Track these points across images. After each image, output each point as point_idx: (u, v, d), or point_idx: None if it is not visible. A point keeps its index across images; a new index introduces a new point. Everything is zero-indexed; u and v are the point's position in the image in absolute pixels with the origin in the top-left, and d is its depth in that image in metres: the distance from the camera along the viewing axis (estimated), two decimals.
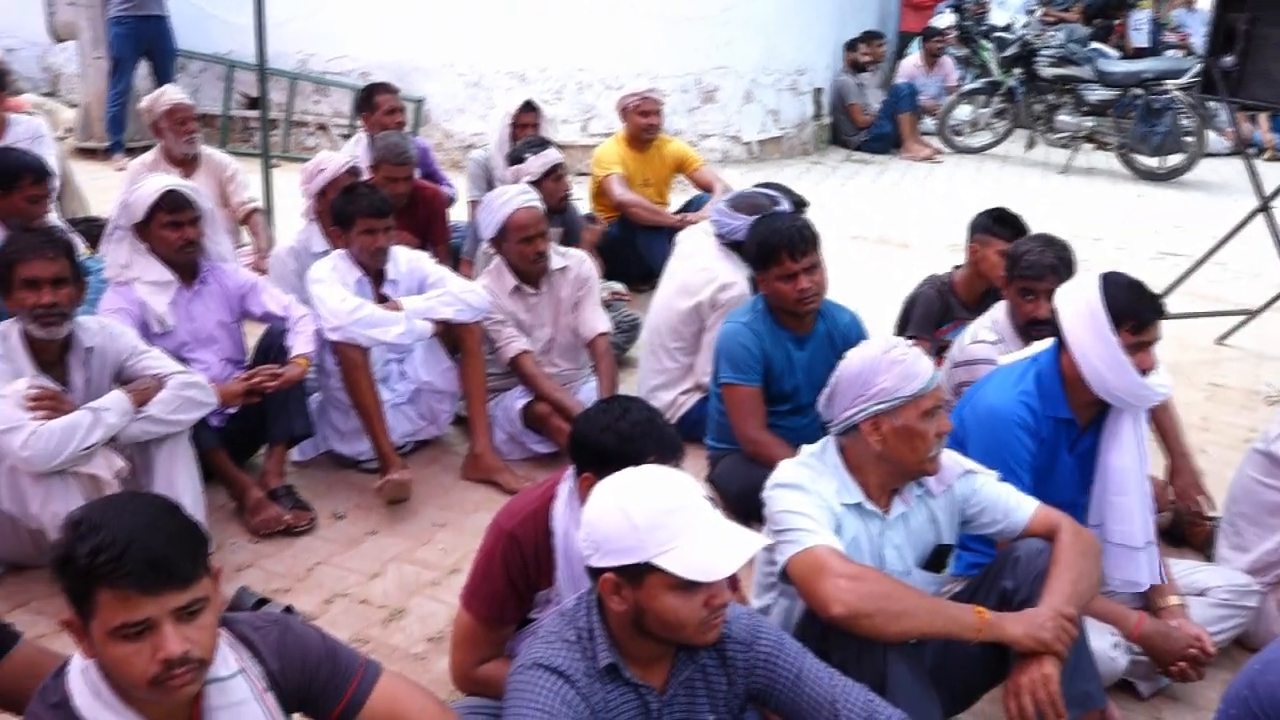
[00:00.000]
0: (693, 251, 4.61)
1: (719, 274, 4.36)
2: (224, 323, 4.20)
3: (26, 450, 3.12)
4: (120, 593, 1.70)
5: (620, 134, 6.50)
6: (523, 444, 4.45)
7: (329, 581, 3.60)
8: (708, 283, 4.37)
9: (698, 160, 6.65)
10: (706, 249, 4.49)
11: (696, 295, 4.39)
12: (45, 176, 4.74)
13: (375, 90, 6.27)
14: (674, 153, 6.55)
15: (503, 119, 6.08)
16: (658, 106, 6.39)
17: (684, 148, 6.75)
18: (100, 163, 9.02)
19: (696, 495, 2.03)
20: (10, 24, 11.13)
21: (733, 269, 4.36)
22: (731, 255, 4.39)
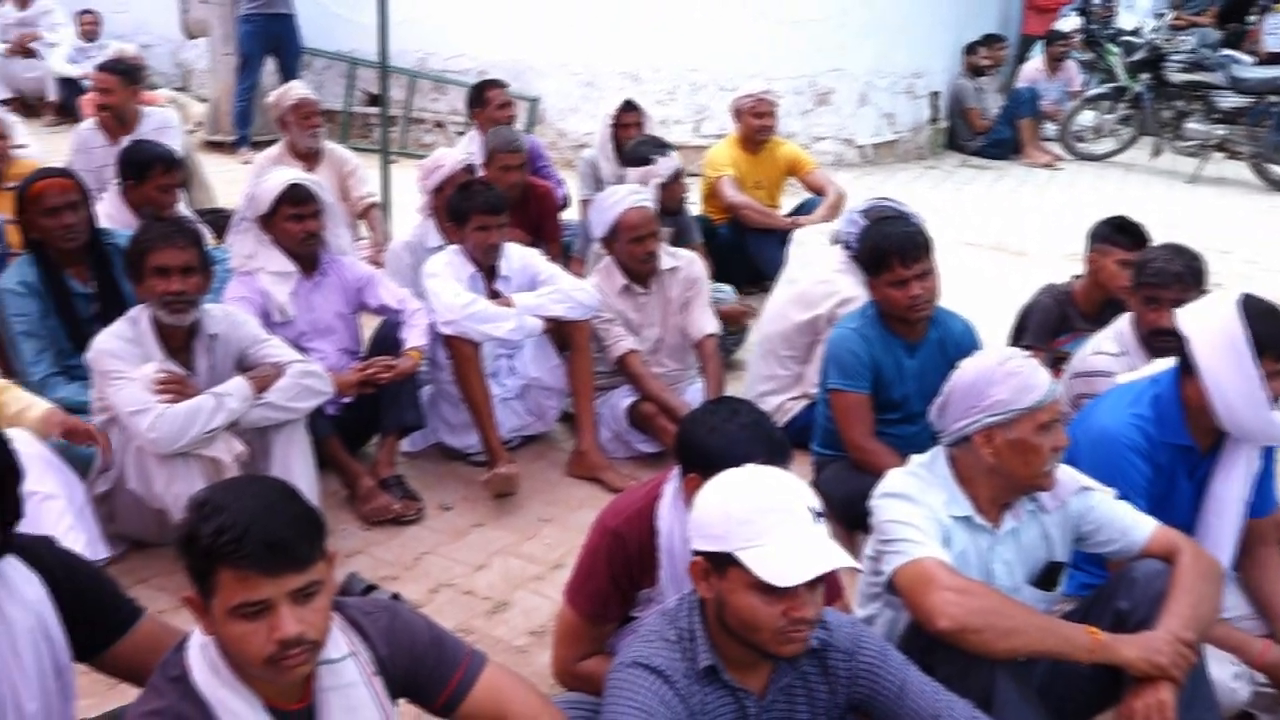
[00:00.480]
0: (815, 260, 4.53)
1: (840, 288, 4.25)
2: (341, 314, 4.31)
3: (153, 432, 3.24)
4: (240, 573, 1.75)
5: (733, 135, 6.49)
6: (628, 443, 4.47)
7: (435, 571, 3.67)
8: (828, 296, 4.29)
9: (810, 163, 6.60)
10: (829, 259, 4.40)
11: (815, 308, 4.33)
12: (175, 166, 4.93)
13: (486, 86, 6.38)
14: (786, 155, 6.51)
15: (604, 119, 6.14)
16: (772, 108, 6.36)
17: (797, 150, 6.70)
18: (227, 156, 9.32)
19: (799, 502, 2.01)
20: (146, 21, 11.59)
21: (855, 283, 4.22)
22: (856, 270, 4.31)
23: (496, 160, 5.24)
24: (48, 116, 10.52)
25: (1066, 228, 7.51)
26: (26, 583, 2.06)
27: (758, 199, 6.31)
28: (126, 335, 3.43)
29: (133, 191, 4.88)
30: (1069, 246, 4.66)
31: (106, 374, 3.35)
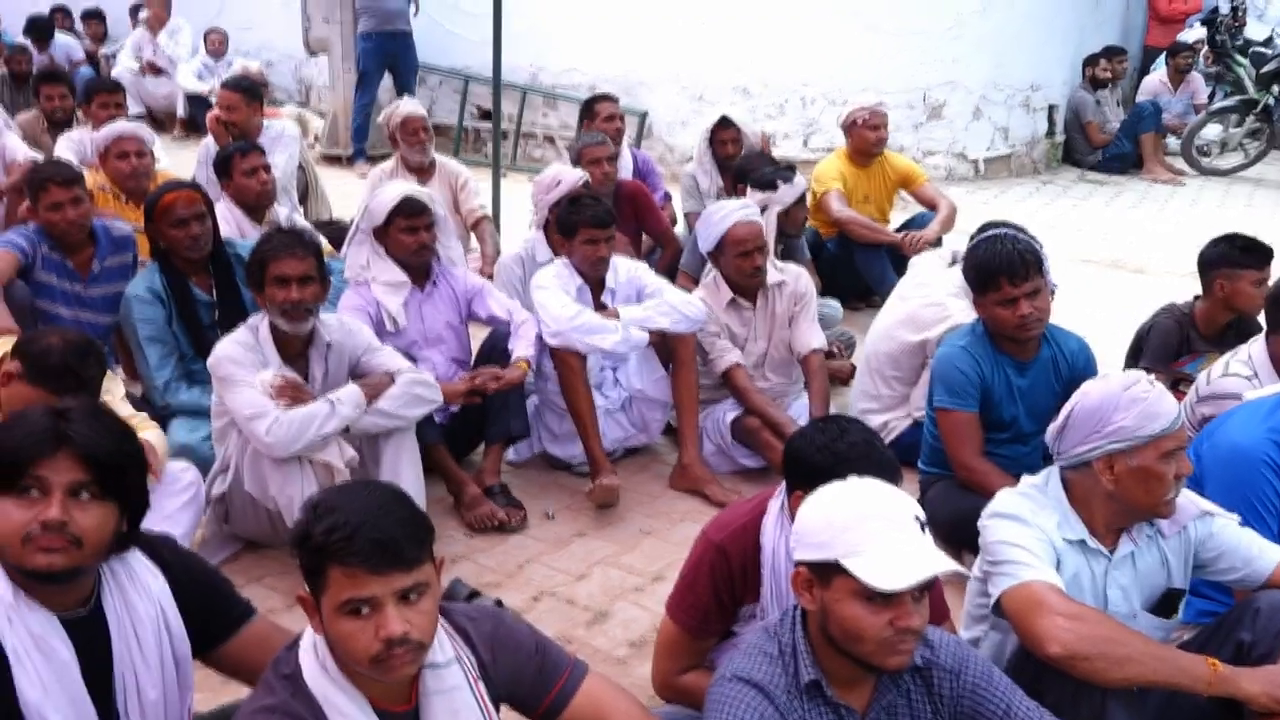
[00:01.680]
0: (928, 281, 4.45)
1: (953, 312, 4.15)
2: (451, 324, 4.39)
3: (270, 436, 3.34)
4: (349, 570, 1.80)
5: (842, 150, 6.42)
6: (731, 457, 4.46)
7: (537, 579, 3.70)
8: (939, 320, 4.20)
9: (922, 176, 6.50)
10: (944, 281, 4.32)
11: (925, 331, 4.25)
12: (252, 148, 5.18)
13: (595, 100, 6.45)
14: (897, 168, 6.43)
15: (702, 134, 6.18)
16: (885, 121, 6.29)
17: (908, 163, 6.62)
18: (344, 169, 9.59)
19: (903, 511, 1.99)
20: (270, 39, 12.00)
21: (968, 309, 4.07)
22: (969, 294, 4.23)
23: (584, 155, 5.29)
24: (176, 130, 10.95)
25: (1188, 246, 7.23)
26: (150, 576, 2.15)
27: (866, 213, 6.23)
28: (246, 342, 3.54)
29: (228, 188, 5.19)
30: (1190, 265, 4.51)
31: (226, 379, 3.46)
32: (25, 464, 1.93)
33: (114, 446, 2.00)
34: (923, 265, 4.67)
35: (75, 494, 1.95)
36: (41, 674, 1.97)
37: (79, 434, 1.96)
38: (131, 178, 5.33)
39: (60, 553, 1.93)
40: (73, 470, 1.95)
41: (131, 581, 2.12)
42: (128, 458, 2.04)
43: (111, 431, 2.03)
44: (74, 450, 1.95)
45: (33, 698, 1.96)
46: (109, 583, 2.09)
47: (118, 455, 2.01)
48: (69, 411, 2.00)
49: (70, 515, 1.93)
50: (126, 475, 2.03)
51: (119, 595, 2.10)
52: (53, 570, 1.94)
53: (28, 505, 1.93)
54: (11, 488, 1.94)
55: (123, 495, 2.04)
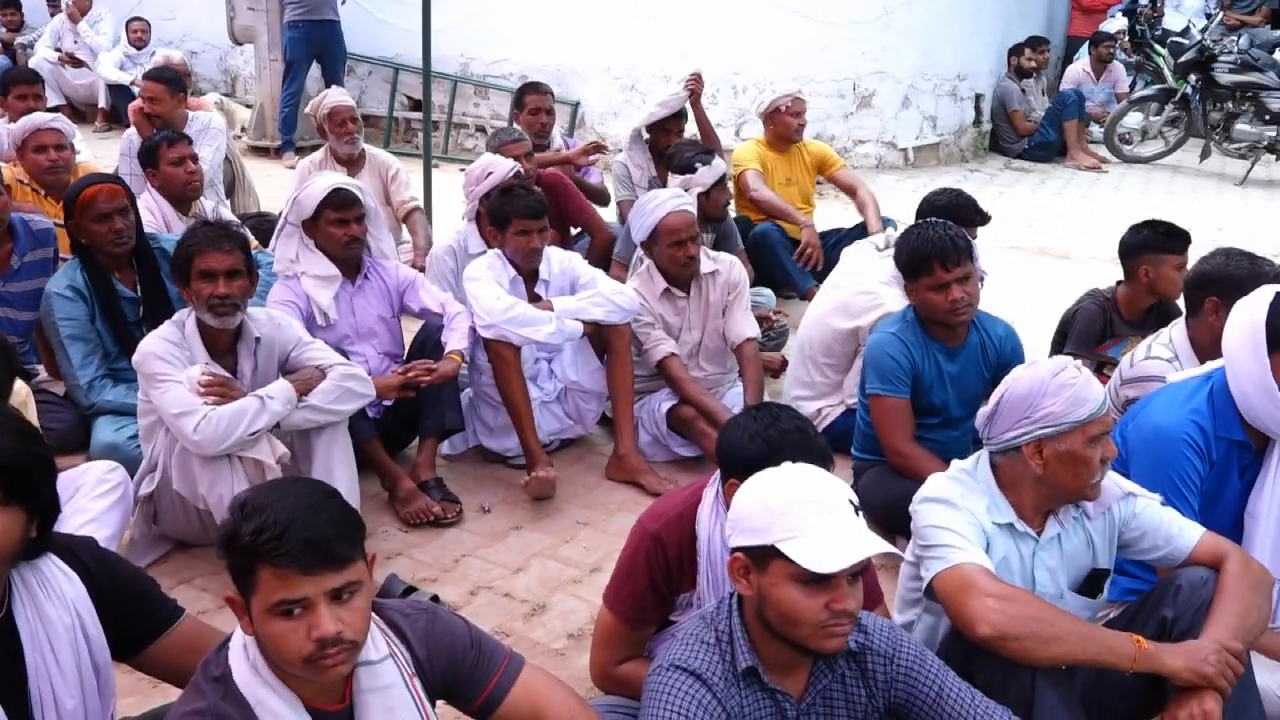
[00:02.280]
0: (860, 269, 4.49)
1: (885, 301, 4.20)
2: (384, 317, 4.34)
3: (198, 434, 3.28)
4: (280, 571, 1.77)
5: (760, 137, 6.48)
6: (667, 446, 4.47)
7: (474, 573, 3.68)
8: (871, 308, 4.24)
9: (838, 161, 6.61)
10: (876, 270, 4.35)
11: (857, 319, 4.29)
12: (178, 137, 5.13)
13: (525, 90, 6.42)
14: (815, 153, 6.52)
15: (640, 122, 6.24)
16: (806, 108, 6.42)
17: (824, 148, 6.70)
18: (272, 161, 9.44)
19: (837, 496, 2.01)
20: (194, 28, 11.77)
21: (900, 297, 4.14)
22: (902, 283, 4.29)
23: (502, 152, 5.25)
24: (97, 122, 10.70)
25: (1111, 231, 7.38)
26: (66, 581, 2.09)
27: (789, 196, 6.30)
28: (172, 338, 3.47)
29: (154, 178, 5.13)
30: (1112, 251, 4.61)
31: (153, 376, 3.39)
32: None
33: (16, 452, 1.93)
34: (855, 253, 4.72)
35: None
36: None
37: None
38: (51, 171, 5.20)
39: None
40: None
41: (44, 588, 2.06)
42: (33, 460, 1.97)
43: (16, 434, 1.97)
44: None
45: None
46: (19, 590, 2.03)
47: (21, 459, 1.93)
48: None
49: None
50: (32, 478, 1.96)
51: (30, 603, 2.04)
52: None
53: None
54: None
55: (30, 500, 1.96)
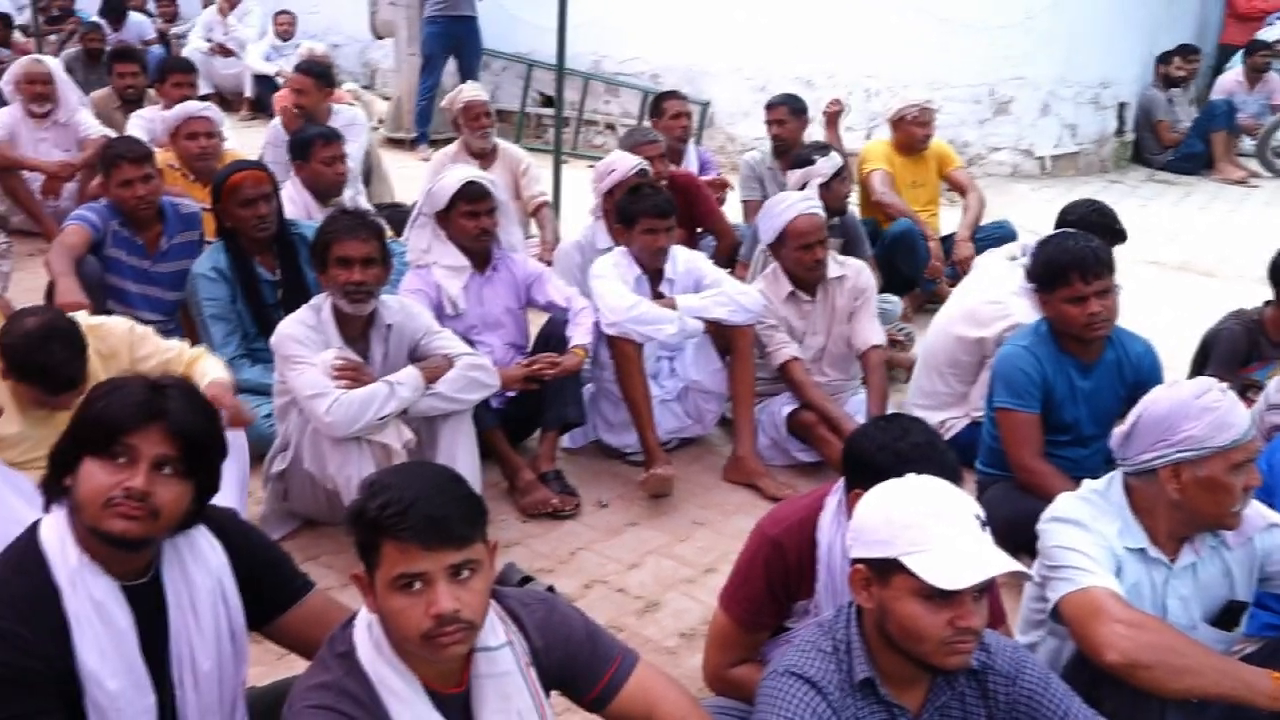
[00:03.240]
0: (991, 279, 4.38)
1: (1014, 312, 4.08)
2: (510, 309, 4.41)
3: (329, 416, 3.38)
4: (402, 545, 1.82)
5: (890, 140, 6.40)
6: (786, 451, 4.44)
7: (589, 567, 3.71)
8: (999, 318, 4.13)
9: (956, 160, 6.58)
10: (1007, 279, 4.24)
11: (984, 329, 4.19)
12: (334, 139, 5.18)
13: (664, 97, 6.44)
14: (937, 153, 6.45)
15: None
16: (933, 118, 6.36)
17: (945, 146, 6.63)
18: (407, 153, 9.65)
19: (964, 510, 1.97)
20: (337, 21, 12.10)
21: (1029, 309, 4.03)
22: (1034, 296, 4.17)
23: (636, 152, 5.27)
24: (242, 111, 11.09)
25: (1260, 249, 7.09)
26: (210, 548, 2.18)
27: (915, 199, 6.24)
28: (309, 322, 3.58)
29: (303, 171, 5.19)
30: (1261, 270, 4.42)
31: (288, 358, 3.51)
32: (119, 431, 1.97)
33: (203, 427, 2.05)
34: (986, 261, 4.61)
35: (160, 467, 1.98)
36: (100, 640, 2.00)
37: (174, 410, 2.00)
38: (200, 158, 5.42)
39: (138, 521, 1.97)
40: (162, 444, 1.98)
41: (191, 553, 2.15)
42: (213, 439, 2.08)
43: (203, 412, 2.08)
44: (166, 425, 1.98)
45: (90, 663, 1.99)
46: (169, 554, 2.12)
47: (205, 436, 2.05)
48: (167, 388, 2.04)
49: (153, 487, 1.97)
50: (208, 456, 2.07)
51: (178, 566, 2.13)
52: (127, 536, 1.98)
53: (114, 470, 1.96)
54: (102, 451, 1.97)
55: (202, 474, 2.07)
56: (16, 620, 1.94)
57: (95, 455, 1.98)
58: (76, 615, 1.99)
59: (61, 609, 1.98)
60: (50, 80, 6.42)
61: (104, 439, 1.98)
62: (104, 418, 1.99)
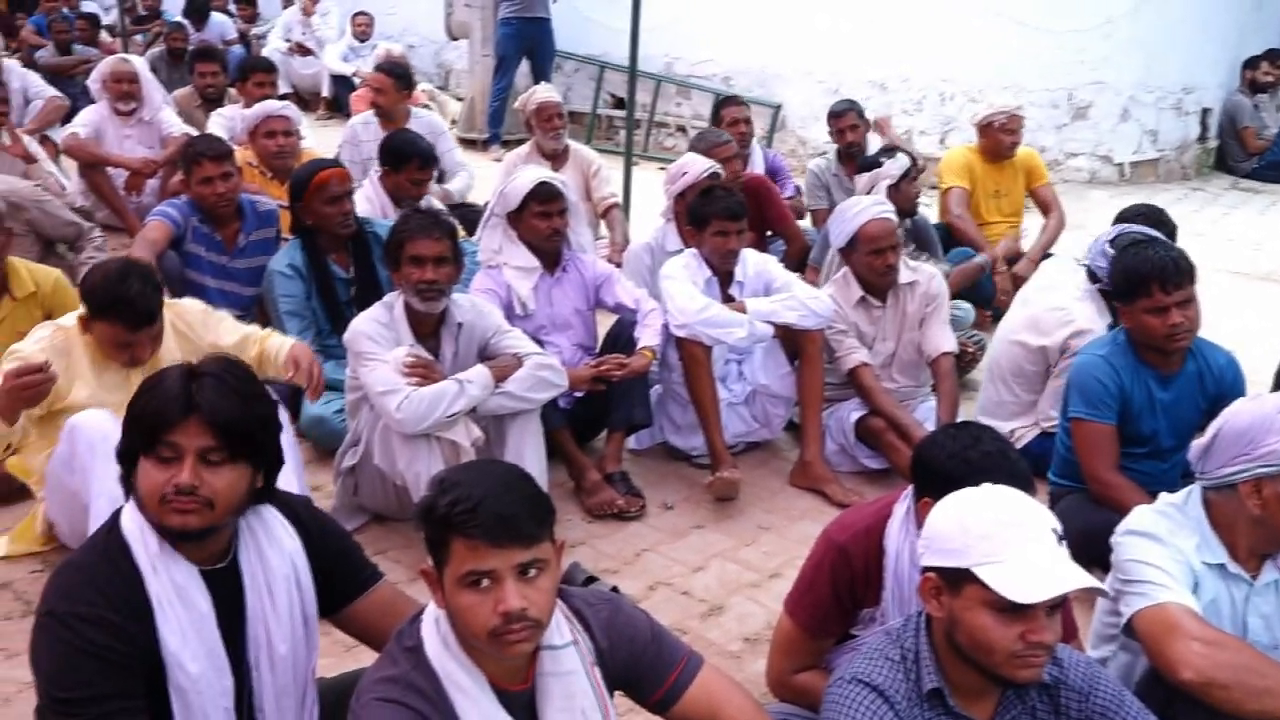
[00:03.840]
0: (1052, 285, 4.33)
1: (1076, 318, 4.06)
2: (579, 310, 4.42)
3: (400, 412, 3.42)
4: (470, 542, 1.83)
5: (973, 145, 6.26)
6: (853, 457, 4.40)
7: (654, 569, 3.71)
8: (1061, 325, 4.09)
9: (1045, 176, 6.36)
10: (1069, 286, 4.20)
11: (1046, 336, 4.14)
12: (430, 163, 5.22)
13: (722, 104, 6.40)
14: (1025, 163, 6.24)
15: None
16: (1022, 125, 6.17)
17: (1034, 158, 6.40)
18: (479, 153, 9.73)
19: (1040, 522, 1.94)
20: (413, 23, 12.26)
21: (1093, 314, 4.05)
22: (1098, 300, 4.10)
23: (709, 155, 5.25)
24: (319, 110, 11.26)
25: None
26: (286, 535, 2.22)
27: (998, 208, 6.10)
28: (381, 319, 3.63)
29: (388, 178, 5.22)
30: None
31: (361, 355, 3.56)
32: (159, 430, 2.01)
33: (240, 414, 2.05)
34: (1049, 267, 4.54)
35: (206, 458, 2.02)
36: (181, 622, 2.05)
37: (207, 402, 2.02)
38: (278, 156, 5.51)
39: (194, 514, 2.01)
40: (202, 436, 2.01)
41: (267, 537, 2.19)
42: (255, 422, 2.09)
43: (241, 396, 2.08)
44: (202, 417, 2.01)
45: (172, 645, 2.04)
46: (246, 538, 2.17)
47: (243, 422, 2.06)
48: (202, 378, 2.06)
49: (201, 479, 2.00)
50: (255, 438, 2.09)
51: (254, 551, 2.17)
52: (187, 529, 2.03)
53: (164, 468, 2.01)
54: (151, 450, 2.03)
55: (255, 455, 2.10)
56: (104, 605, 1.99)
57: (146, 454, 2.03)
58: (159, 599, 2.04)
59: (145, 593, 2.03)
60: (136, 79, 6.57)
61: (149, 439, 2.02)
62: (145, 417, 2.03)
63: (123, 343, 3.32)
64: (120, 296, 3.23)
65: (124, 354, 3.35)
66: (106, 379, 3.38)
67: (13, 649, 3.01)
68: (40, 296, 4.01)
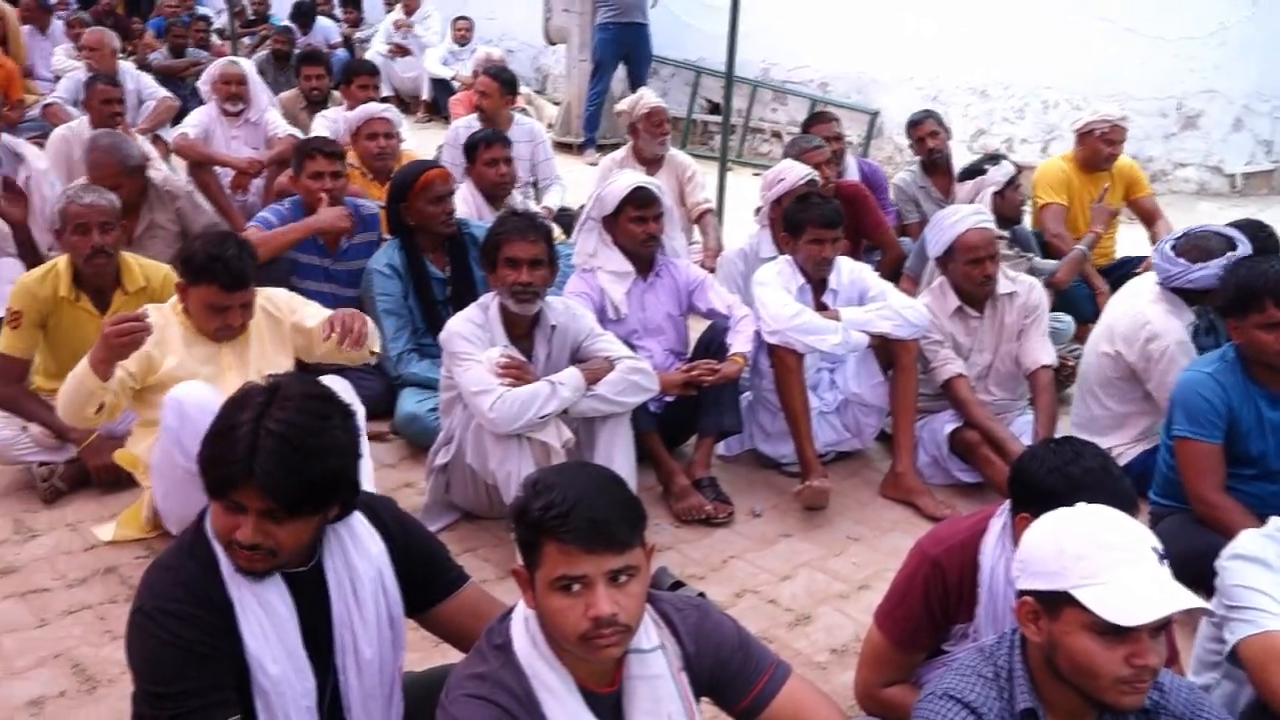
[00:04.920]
0: (1135, 292, 4.23)
1: (1151, 321, 3.98)
2: (671, 315, 4.43)
3: (493, 412, 3.45)
4: (563, 547, 1.83)
5: (1069, 154, 6.03)
6: (946, 470, 4.33)
7: (741, 576, 3.70)
8: (1137, 328, 4.01)
9: (1147, 187, 6.12)
10: (1145, 291, 4.12)
11: (1125, 344, 4.05)
12: (495, 141, 5.37)
13: (812, 121, 6.29)
14: (1125, 174, 5.98)
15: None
16: (1125, 136, 5.89)
17: (1135, 169, 6.13)
18: (574, 157, 9.81)
19: (1141, 541, 1.88)
20: (512, 28, 12.41)
21: (1167, 317, 3.96)
22: (1173, 301, 4.01)
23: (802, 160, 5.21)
24: (419, 113, 11.46)
25: None
26: (370, 538, 2.24)
27: (1091, 220, 5.89)
28: (476, 320, 3.67)
29: (471, 172, 5.38)
30: None
31: (456, 354, 3.60)
32: (224, 486, 2.00)
33: (299, 482, 1.97)
34: (1139, 278, 4.43)
35: (269, 515, 2.00)
36: (262, 625, 2.08)
37: (263, 471, 1.95)
38: (379, 157, 5.62)
39: (259, 562, 2.04)
40: (261, 500, 1.98)
41: (353, 541, 2.21)
42: (317, 486, 2.02)
43: (305, 456, 1.98)
44: (260, 486, 1.96)
45: (254, 647, 2.07)
46: (331, 543, 2.19)
47: (301, 492, 1.99)
48: (269, 437, 1.96)
49: (265, 533, 2.00)
50: (318, 498, 2.04)
51: (340, 554, 2.19)
52: (254, 571, 2.06)
53: (229, 515, 2.01)
54: (219, 499, 2.03)
55: (321, 508, 2.07)
56: (191, 602, 2.04)
57: (216, 497, 2.03)
58: (240, 601, 2.07)
59: (227, 594, 2.07)
60: (244, 81, 6.75)
61: (215, 488, 2.02)
62: (211, 470, 2.01)
63: (217, 306, 3.45)
64: (218, 256, 3.38)
65: (216, 320, 3.48)
66: (196, 351, 3.53)
67: (118, 631, 3.10)
68: (150, 290, 4.14)
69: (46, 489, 4.00)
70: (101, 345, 3.22)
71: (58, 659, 3.14)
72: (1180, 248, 4.02)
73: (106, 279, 4.10)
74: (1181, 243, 4.05)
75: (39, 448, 4.06)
